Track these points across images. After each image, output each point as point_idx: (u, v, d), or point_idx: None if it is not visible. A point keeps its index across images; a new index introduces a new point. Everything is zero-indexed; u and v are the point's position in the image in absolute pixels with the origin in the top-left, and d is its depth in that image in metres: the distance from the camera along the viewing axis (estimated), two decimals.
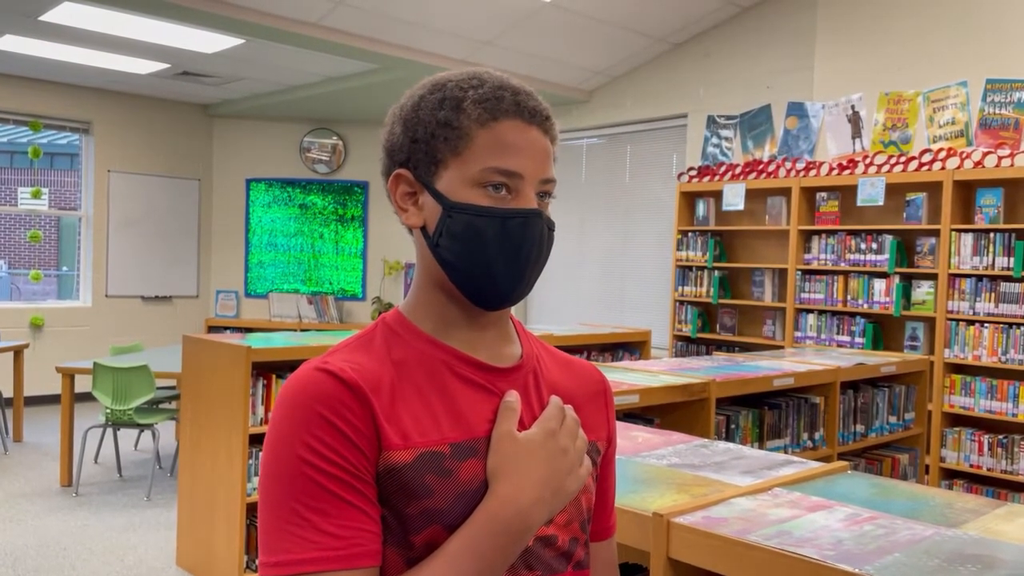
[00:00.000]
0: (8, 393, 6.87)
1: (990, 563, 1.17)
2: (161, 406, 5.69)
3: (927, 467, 4.89)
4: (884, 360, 3.98)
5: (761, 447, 3.32)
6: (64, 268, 16.68)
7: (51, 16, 5.82)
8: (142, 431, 6.26)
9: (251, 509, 3.81)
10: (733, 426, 3.21)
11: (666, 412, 3.01)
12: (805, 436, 3.55)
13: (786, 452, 3.41)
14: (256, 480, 3.75)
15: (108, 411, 5.19)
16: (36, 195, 8.11)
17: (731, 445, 1.91)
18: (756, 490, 1.52)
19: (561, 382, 1.04)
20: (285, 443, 0.86)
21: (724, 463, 1.75)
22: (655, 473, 1.69)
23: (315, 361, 0.91)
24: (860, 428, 3.87)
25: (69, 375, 5.44)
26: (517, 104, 0.94)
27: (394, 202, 0.99)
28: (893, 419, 4.09)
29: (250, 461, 3.71)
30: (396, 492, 0.87)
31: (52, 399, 7.47)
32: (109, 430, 5.60)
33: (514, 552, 0.88)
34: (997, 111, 5.06)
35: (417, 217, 0.97)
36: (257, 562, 0.87)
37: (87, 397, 6.05)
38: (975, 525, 1.35)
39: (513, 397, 0.94)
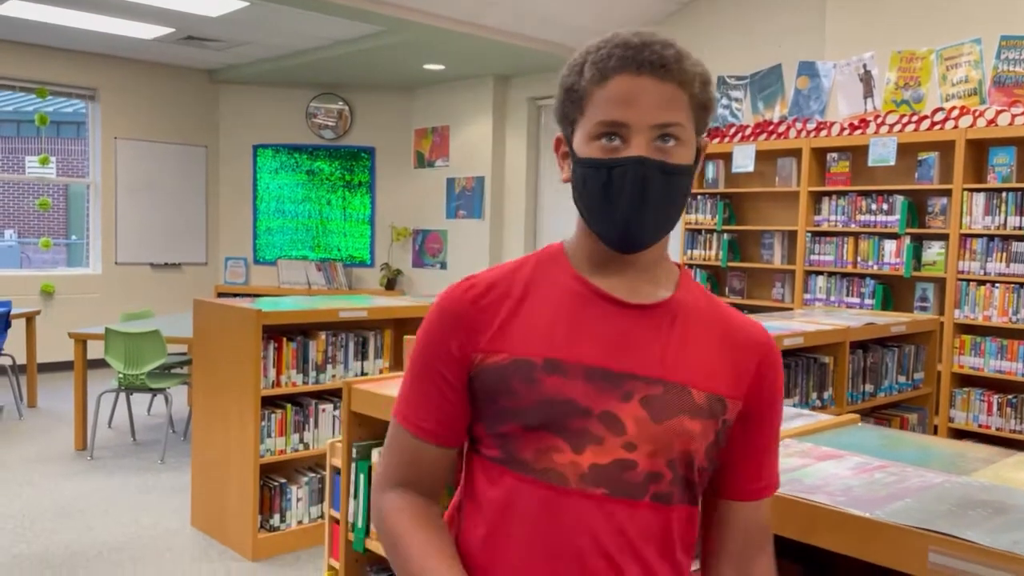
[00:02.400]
0: (21, 360, 6.93)
1: (1000, 508, 1.18)
2: (173, 371, 5.74)
3: (935, 427, 4.90)
4: (894, 320, 3.97)
5: None
6: (73, 237, 16.73)
7: None
8: (154, 396, 6.32)
9: (264, 470, 3.86)
10: None
11: None
12: (814, 395, 3.56)
13: None
14: (268, 442, 3.79)
15: (121, 376, 5.23)
16: (44, 162, 8.11)
17: None
18: None
19: (705, 329, 1.10)
20: (423, 330, 1.11)
21: None
22: None
23: (471, 276, 1.12)
24: (869, 388, 3.87)
25: (81, 341, 5.48)
26: (626, 59, 1.02)
27: (558, 162, 1.13)
28: (902, 379, 4.10)
29: (262, 423, 3.74)
30: (487, 387, 1.05)
31: (65, 365, 7.54)
32: (122, 395, 5.65)
33: None
34: (1011, 68, 4.98)
35: (566, 172, 1.10)
36: None
37: (99, 363, 6.11)
38: (986, 473, 1.36)
39: None
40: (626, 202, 1.01)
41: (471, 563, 1.07)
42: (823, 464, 1.38)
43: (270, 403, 3.84)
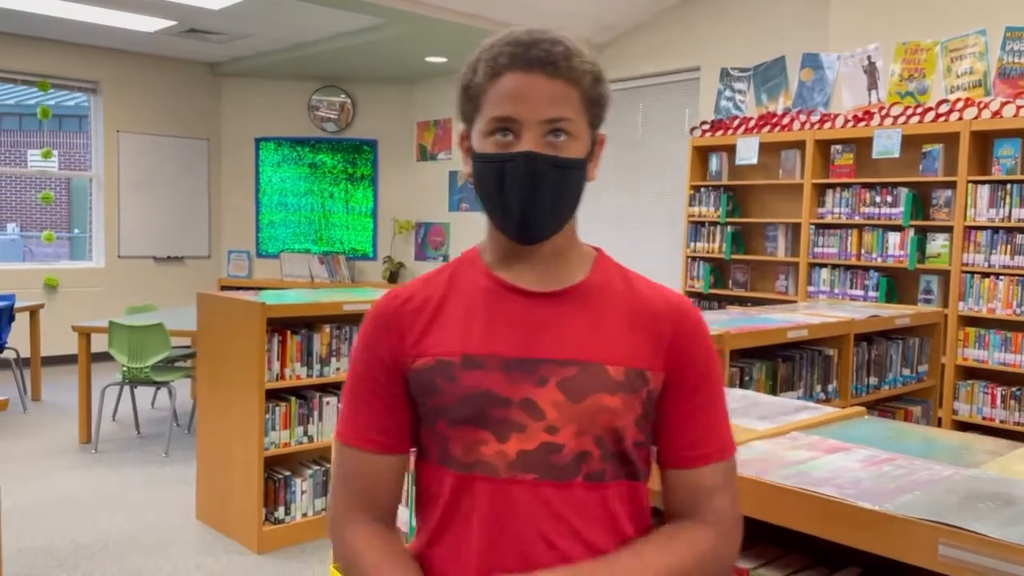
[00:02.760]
0: (25, 353, 6.94)
1: (1009, 500, 1.17)
2: (176, 364, 5.74)
3: (939, 420, 4.90)
4: (898, 312, 3.96)
5: None
6: (76, 230, 16.74)
7: None
8: (158, 389, 6.32)
9: (268, 463, 3.86)
10: (747, 378, 3.21)
11: None
12: (818, 388, 3.55)
13: None
14: (273, 435, 3.79)
15: (125, 369, 5.24)
16: (46, 156, 8.11)
17: (748, 392, 1.91)
18: (774, 434, 1.52)
19: (620, 307, 1.12)
20: (355, 346, 1.17)
21: (741, 409, 1.75)
22: None
23: (395, 287, 1.19)
24: (873, 380, 3.87)
25: (85, 334, 5.49)
26: (515, 57, 1.04)
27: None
28: (906, 371, 4.09)
29: (267, 416, 3.74)
30: (417, 389, 1.11)
31: (69, 359, 7.55)
32: (126, 388, 5.66)
33: None
34: (1016, 60, 4.96)
35: (467, 167, 1.13)
36: None
37: (103, 357, 6.11)
38: (993, 465, 1.35)
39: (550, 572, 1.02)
40: (518, 195, 1.04)
41: (426, 567, 1.11)
42: (831, 457, 1.38)
43: (274, 396, 3.85)
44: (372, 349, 1.13)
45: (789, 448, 1.43)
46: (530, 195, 1.04)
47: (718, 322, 3.31)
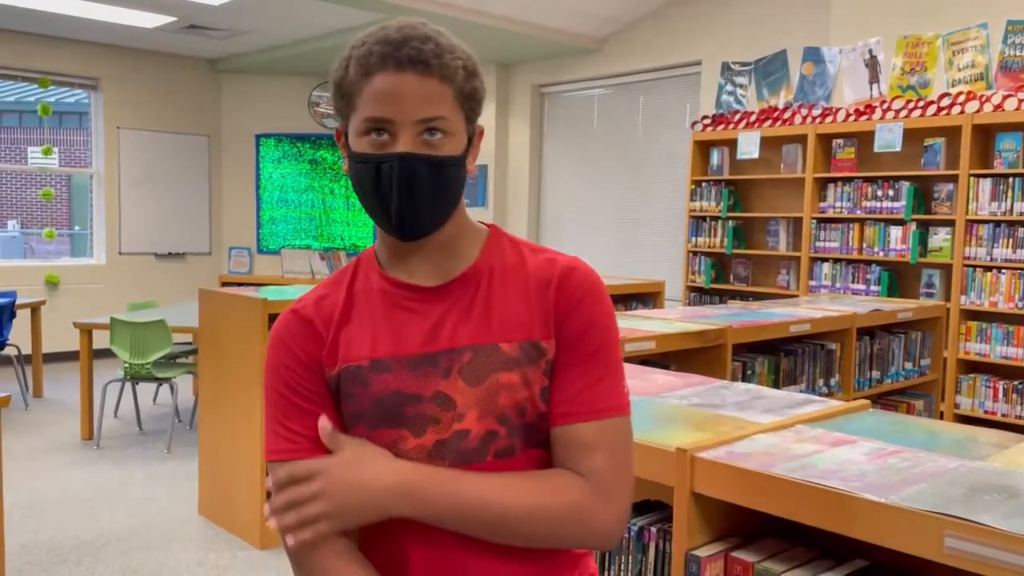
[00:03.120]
0: (27, 350, 6.94)
1: (1014, 492, 1.17)
2: (178, 360, 5.74)
3: (941, 414, 4.90)
4: (900, 306, 3.96)
5: None
6: (76, 227, 16.74)
7: None
8: (160, 385, 6.32)
9: None
10: (749, 372, 3.21)
11: (682, 359, 3.01)
12: (821, 382, 3.55)
13: None
14: None
15: (126, 366, 5.24)
16: (47, 152, 8.10)
17: (751, 386, 1.91)
18: (779, 427, 1.52)
19: (511, 283, 1.12)
20: (266, 367, 1.14)
21: (745, 403, 1.75)
22: (676, 412, 1.69)
23: (294, 301, 1.16)
24: (876, 374, 3.87)
25: (87, 331, 5.49)
26: (385, 56, 1.03)
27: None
28: (908, 365, 4.09)
29: None
30: (336, 396, 1.12)
31: (70, 355, 7.55)
32: (128, 385, 5.66)
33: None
34: (1018, 53, 4.95)
35: (345, 166, 1.12)
36: None
37: (105, 353, 6.11)
38: (999, 458, 1.35)
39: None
40: (395, 195, 1.05)
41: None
42: (836, 450, 1.38)
43: None
44: (285, 363, 1.12)
45: (794, 441, 1.43)
46: (408, 195, 1.05)
47: (719, 316, 3.31)
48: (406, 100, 1.03)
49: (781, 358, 3.36)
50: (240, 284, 8.99)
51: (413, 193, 1.05)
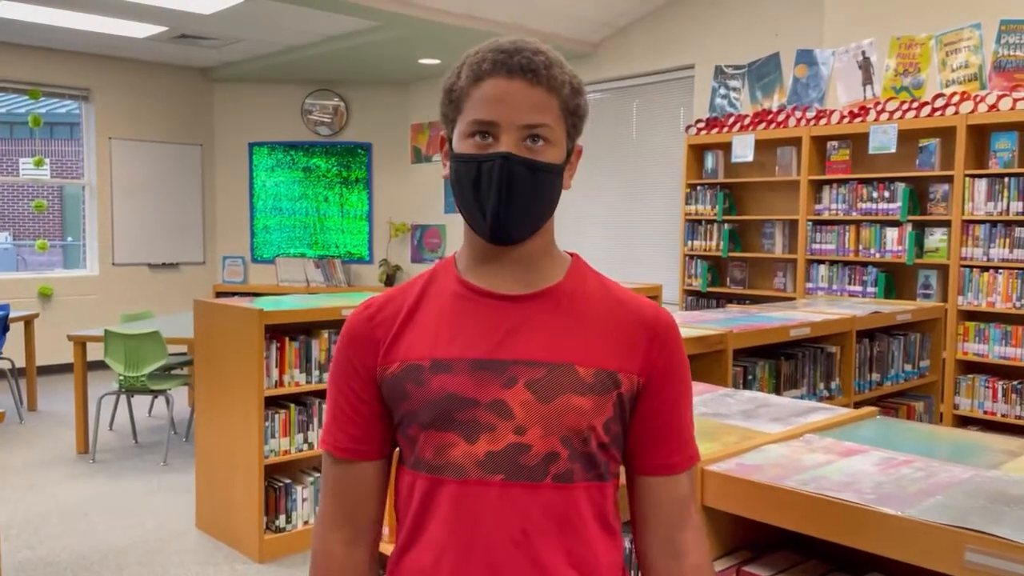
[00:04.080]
0: (20, 363, 6.89)
1: None
2: (173, 372, 5.70)
3: (940, 415, 4.89)
4: (899, 308, 3.95)
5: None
6: (69, 238, 16.67)
7: None
8: (155, 397, 6.28)
9: (269, 471, 3.83)
10: (750, 377, 3.19)
11: None
12: (821, 386, 3.53)
13: None
14: (272, 442, 3.76)
15: (121, 378, 5.20)
16: (38, 164, 8.06)
17: (756, 394, 1.89)
18: (788, 437, 1.50)
19: (593, 311, 1.13)
20: (332, 359, 1.19)
21: (751, 411, 1.73)
22: None
23: (368, 299, 1.19)
24: (876, 377, 3.85)
25: (81, 343, 5.44)
26: (497, 63, 1.06)
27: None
28: (908, 367, 4.08)
29: (266, 424, 3.71)
30: (389, 395, 1.12)
31: (64, 368, 7.50)
32: (123, 397, 5.62)
33: None
34: (1012, 53, 4.96)
35: (446, 169, 1.14)
36: None
37: (99, 365, 6.07)
38: (1014, 466, 1.33)
39: None
40: (494, 195, 1.06)
41: (399, 574, 1.14)
42: (848, 460, 1.36)
43: (273, 403, 3.81)
44: (343, 362, 1.16)
45: (805, 452, 1.41)
46: (505, 195, 1.06)
47: (718, 321, 3.29)
48: (513, 105, 1.06)
49: (782, 362, 3.34)
50: (235, 294, 8.95)
51: (511, 194, 1.07)
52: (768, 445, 1.45)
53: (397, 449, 1.18)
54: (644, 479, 1.14)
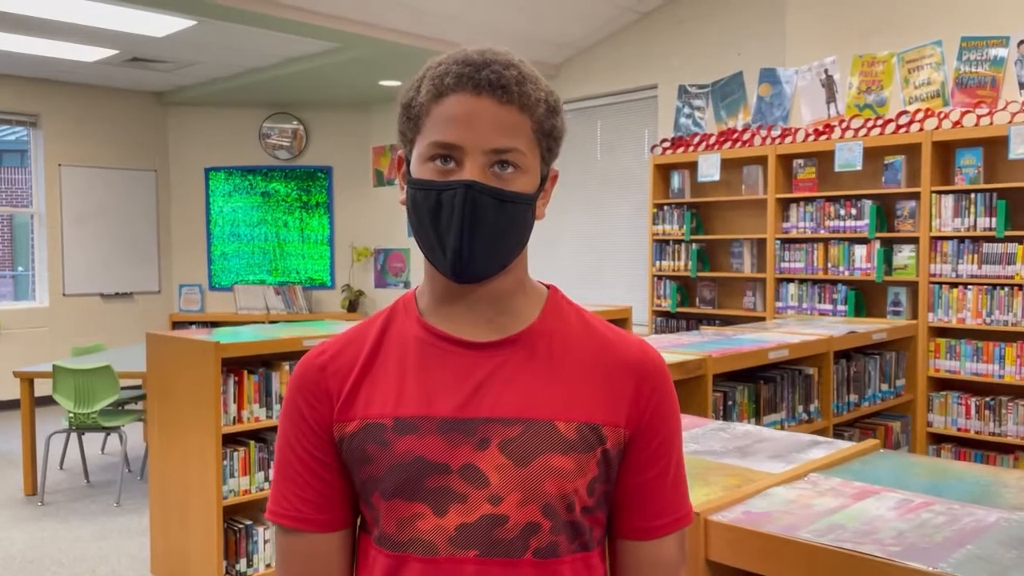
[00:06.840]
0: None
1: None
2: (127, 407, 5.47)
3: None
4: (875, 327, 3.89)
5: (759, 423, 3.21)
6: (19, 268, 16.17)
7: None
8: (108, 434, 6.02)
9: (227, 512, 3.64)
10: (730, 403, 3.09)
11: None
12: (800, 409, 3.45)
13: (783, 427, 3.31)
14: (232, 482, 3.57)
15: (71, 415, 4.96)
16: None
17: (750, 427, 1.78)
18: (792, 477, 1.39)
19: (574, 355, 0.99)
20: (280, 412, 1.06)
21: (747, 447, 1.62)
22: None
23: (319, 343, 1.04)
24: (854, 398, 3.78)
25: (28, 379, 5.19)
26: (462, 77, 0.93)
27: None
28: (884, 386, 4.02)
29: (224, 462, 3.52)
30: (349, 458, 0.98)
31: (11, 404, 7.18)
32: (73, 435, 5.36)
33: None
34: (973, 69, 4.98)
35: (402, 194, 0.99)
36: None
37: (48, 401, 5.80)
38: None
39: None
40: (455, 229, 0.92)
41: None
42: (861, 504, 1.25)
43: (232, 440, 3.63)
44: (296, 420, 1.00)
45: (813, 495, 1.30)
46: (468, 230, 0.92)
47: (694, 345, 3.20)
48: (479, 126, 0.92)
49: (760, 386, 3.25)
50: (192, 323, 8.68)
51: (475, 228, 0.92)
52: (772, 488, 1.34)
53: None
54: (624, 543, 1.01)
